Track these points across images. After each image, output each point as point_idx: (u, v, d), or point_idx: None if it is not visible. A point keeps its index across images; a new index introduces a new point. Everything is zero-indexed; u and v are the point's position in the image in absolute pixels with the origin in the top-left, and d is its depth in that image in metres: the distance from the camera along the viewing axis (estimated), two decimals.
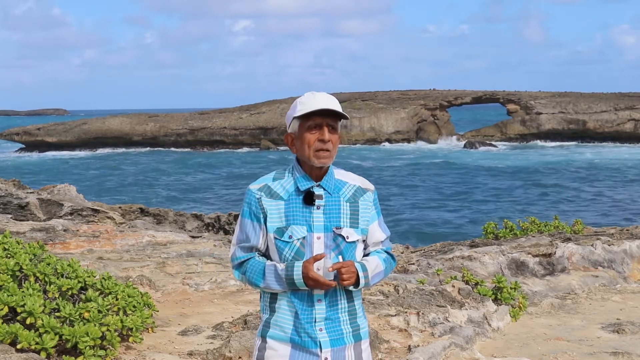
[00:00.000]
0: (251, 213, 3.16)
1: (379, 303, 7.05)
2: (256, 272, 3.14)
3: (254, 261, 3.16)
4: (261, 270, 3.13)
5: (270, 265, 3.13)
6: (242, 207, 3.21)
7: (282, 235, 3.10)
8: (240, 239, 3.20)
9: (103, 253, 9.13)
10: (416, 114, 74.57)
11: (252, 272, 3.15)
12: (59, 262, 5.90)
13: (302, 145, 3.15)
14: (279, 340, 3.12)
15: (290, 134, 3.21)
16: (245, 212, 3.18)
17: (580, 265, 9.31)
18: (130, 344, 5.65)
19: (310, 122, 3.13)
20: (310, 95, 3.15)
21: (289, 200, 3.13)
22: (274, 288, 3.11)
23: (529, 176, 46.86)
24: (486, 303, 7.39)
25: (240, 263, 3.19)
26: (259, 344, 3.17)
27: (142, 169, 56.60)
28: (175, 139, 72.75)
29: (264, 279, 3.12)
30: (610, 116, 71.54)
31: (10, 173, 46.03)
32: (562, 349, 6.61)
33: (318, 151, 3.12)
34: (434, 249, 10.59)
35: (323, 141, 3.12)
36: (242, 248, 3.18)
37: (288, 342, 3.11)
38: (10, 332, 4.93)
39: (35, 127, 75.39)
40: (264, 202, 3.13)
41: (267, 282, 3.11)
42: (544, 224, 11.86)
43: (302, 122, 3.15)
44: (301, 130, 3.15)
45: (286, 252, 3.11)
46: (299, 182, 3.15)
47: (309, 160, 3.14)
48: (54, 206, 12.59)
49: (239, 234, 3.20)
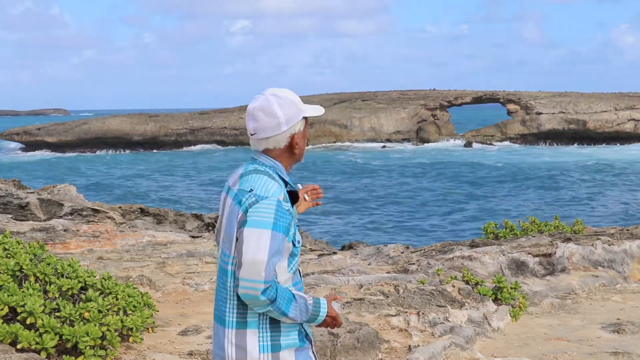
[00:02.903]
0: (282, 226, 2.95)
1: (379, 303, 7.05)
2: (286, 300, 2.97)
3: (280, 287, 2.98)
4: (290, 299, 2.98)
5: (300, 296, 3.03)
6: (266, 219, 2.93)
7: (295, 241, 3.05)
8: (273, 254, 2.92)
9: (103, 253, 9.13)
10: (416, 114, 74.58)
11: (282, 300, 2.96)
12: (59, 262, 5.90)
13: (304, 144, 3.16)
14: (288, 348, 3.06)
15: (296, 134, 3.12)
16: (277, 225, 2.94)
17: (580, 265, 9.31)
18: (131, 344, 5.65)
19: (308, 121, 3.17)
20: (295, 95, 3.16)
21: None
22: (296, 319, 3.01)
23: (529, 176, 46.85)
24: (486, 303, 7.39)
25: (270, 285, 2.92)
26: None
27: (142, 169, 56.62)
28: (175, 139, 72.75)
29: (292, 309, 2.99)
30: (610, 116, 71.55)
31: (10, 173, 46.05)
32: (562, 349, 6.61)
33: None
34: (434, 249, 10.59)
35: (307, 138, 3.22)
36: (273, 266, 2.94)
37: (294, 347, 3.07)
38: (11, 332, 4.93)
39: (35, 127, 75.42)
40: (292, 213, 3.04)
41: (295, 313, 3.00)
42: (544, 224, 11.86)
43: (306, 122, 3.15)
44: (305, 130, 3.16)
45: (297, 257, 3.08)
46: (290, 183, 3.14)
47: (300, 158, 3.17)
48: (54, 206, 12.59)
49: (272, 249, 2.91)
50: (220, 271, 3.08)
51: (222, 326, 3.05)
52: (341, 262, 9.31)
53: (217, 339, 3.09)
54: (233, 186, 3.08)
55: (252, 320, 3.00)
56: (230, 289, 3.02)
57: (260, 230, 2.91)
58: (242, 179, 3.06)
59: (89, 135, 72.50)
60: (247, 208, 2.96)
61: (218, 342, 3.08)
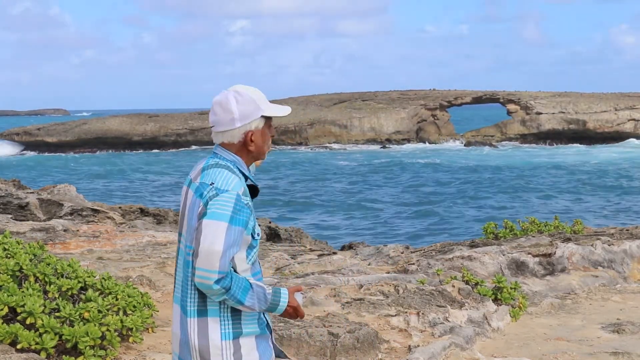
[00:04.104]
0: (241, 220, 3.06)
1: (379, 303, 7.05)
2: (241, 289, 3.07)
3: (236, 276, 3.08)
4: (247, 288, 3.08)
5: (259, 286, 3.12)
6: (224, 211, 3.03)
7: (254, 233, 3.17)
8: (229, 246, 3.02)
9: (103, 253, 9.13)
10: (416, 114, 74.57)
11: (238, 289, 3.06)
12: (59, 262, 5.89)
13: (264, 143, 3.25)
14: (249, 335, 3.17)
15: (251, 131, 3.20)
16: (234, 219, 3.04)
17: (580, 265, 9.31)
18: (130, 344, 5.65)
19: (271, 121, 3.26)
20: (258, 92, 3.24)
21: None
22: (253, 308, 3.11)
23: (529, 176, 46.85)
24: (486, 303, 7.39)
25: (225, 275, 3.05)
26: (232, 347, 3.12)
27: (142, 169, 56.63)
28: (175, 139, 72.74)
29: (249, 297, 3.08)
30: (610, 116, 71.54)
31: (10, 173, 46.03)
32: (562, 349, 6.61)
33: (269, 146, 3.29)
34: (434, 249, 10.59)
35: (273, 137, 3.29)
36: (229, 257, 3.04)
37: (254, 334, 3.18)
38: (10, 332, 4.93)
39: (35, 127, 75.40)
40: (251, 207, 3.15)
41: (252, 301, 3.09)
42: (544, 224, 11.85)
43: (267, 121, 3.24)
44: (265, 128, 3.24)
45: (255, 249, 3.20)
46: (251, 178, 3.24)
47: (263, 156, 3.27)
48: (54, 206, 12.59)
49: (228, 241, 3.02)
50: (185, 263, 3.17)
51: (185, 315, 3.15)
52: (341, 262, 9.31)
53: (177, 323, 3.20)
54: (195, 179, 3.18)
55: (213, 309, 3.11)
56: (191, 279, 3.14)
57: (218, 223, 3.01)
58: (204, 172, 3.16)
59: (89, 136, 72.47)
60: (207, 201, 3.06)
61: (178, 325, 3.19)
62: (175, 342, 3.22)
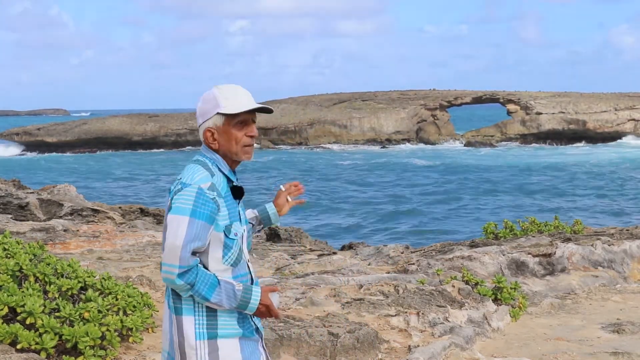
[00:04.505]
0: (205, 214, 3.05)
1: (379, 303, 7.05)
2: (207, 285, 3.05)
3: (203, 272, 3.06)
4: (214, 285, 3.06)
5: (226, 282, 3.09)
6: (185, 205, 3.04)
7: (229, 233, 3.13)
8: (190, 240, 3.01)
9: (103, 253, 9.13)
10: (416, 114, 74.57)
11: (203, 285, 3.04)
12: (59, 262, 5.89)
13: (230, 142, 3.19)
14: (229, 337, 3.13)
15: (210, 129, 3.20)
16: (196, 212, 3.03)
17: (580, 265, 9.31)
18: (130, 344, 5.65)
19: (240, 119, 3.18)
20: (232, 90, 3.20)
21: (226, 197, 3.16)
22: (222, 305, 3.08)
23: (529, 176, 46.86)
24: (486, 303, 7.39)
25: (188, 270, 3.02)
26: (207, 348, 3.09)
27: (142, 168, 56.64)
28: (175, 139, 72.75)
29: (215, 294, 3.06)
30: (610, 116, 71.55)
31: (10, 173, 46.04)
32: (562, 349, 6.61)
33: (245, 147, 3.20)
34: (434, 249, 10.59)
35: (252, 137, 3.21)
36: (189, 251, 3.02)
37: (238, 336, 3.14)
38: (10, 332, 4.93)
39: (35, 127, 75.39)
40: (218, 202, 3.11)
41: (219, 298, 3.06)
42: (544, 224, 11.85)
43: (229, 118, 3.18)
44: (227, 126, 3.18)
45: (233, 250, 3.15)
46: (231, 177, 3.20)
47: (235, 156, 3.20)
48: (54, 206, 12.59)
49: (189, 234, 3.01)
50: None
51: (169, 311, 3.17)
52: (341, 262, 9.31)
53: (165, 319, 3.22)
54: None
55: (187, 307, 3.11)
56: None
57: (179, 217, 3.03)
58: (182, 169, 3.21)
59: (89, 136, 72.47)
60: (173, 195, 3.10)
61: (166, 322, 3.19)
62: (164, 338, 3.23)
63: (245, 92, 3.21)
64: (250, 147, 3.21)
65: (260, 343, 3.24)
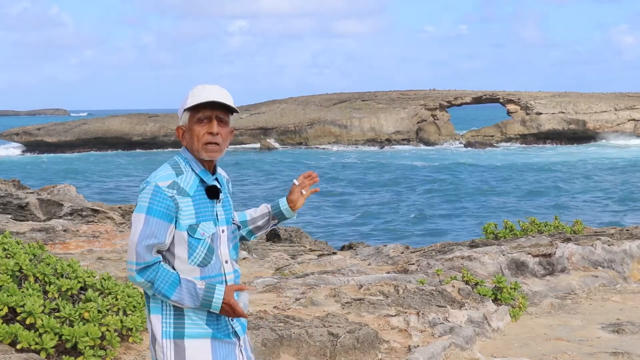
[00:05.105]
0: (161, 211, 3.04)
1: (379, 303, 7.05)
2: (168, 283, 3.04)
3: (164, 270, 3.05)
4: (175, 283, 3.04)
5: (188, 280, 3.06)
6: (143, 203, 3.06)
7: (194, 232, 3.10)
8: (145, 237, 3.02)
9: (103, 253, 9.13)
10: (416, 114, 74.56)
11: (163, 283, 3.04)
12: (59, 262, 5.89)
13: (192, 138, 3.16)
14: (198, 338, 3.10)
15: (181, 127, 3.20)
16: (152, 209, 3.04)
17: (580, 265, 9.31)
18: (130, 344, 5.65)
19: (200, 115, 3.15)
20: (201, 88, 3.16)
21: (195, 196, 3.13)
22: (184, 304, 3.06)
23: (529, 176, 46.86)
24: (486, 303, 7.39)
25: (146, 267, 3.03)
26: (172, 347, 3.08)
27: (142, 169, 56.63)
28: (175, 139, 72.71)
29: (176, 292, 3.04)
30: (610, 116, 71.54)
31: (10, 173, 46.04)
32: (562, 349, 6.61)
33: (207, 144, 3.14)
34: (433, 249, 10.59)
35: (212, 134, 3.14)
36: (147, 248, 3.02)
37: (208, 337, 3.12)
38: (10, 332, 4.93)
39: (35, 127, 75.37)
40: (178, 200, 3.08)
41: (180, 296, 3.05)
42: (544, 224, 11.86)
43: (192, 115, 3.16)
44: (190, 123, 3.17)
45: (199, 250, 3.11)
46: (203, 177, 3.16)
47: (198, 154, 3.16)
48: (53, 206, 12.58)
49: (144, 231, 3.02)
50: None
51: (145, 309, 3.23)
52: (341, 263, 9.31)
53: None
54: None
55: (155, 306, 3.12)
56: None
57: (138, 215, 3.07)
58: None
59: (89, 136, 72.46)
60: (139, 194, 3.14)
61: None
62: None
63: (214, 89, 3.15)
64: (211, 145, 3.14)
65: (238, 347, 3.18)
